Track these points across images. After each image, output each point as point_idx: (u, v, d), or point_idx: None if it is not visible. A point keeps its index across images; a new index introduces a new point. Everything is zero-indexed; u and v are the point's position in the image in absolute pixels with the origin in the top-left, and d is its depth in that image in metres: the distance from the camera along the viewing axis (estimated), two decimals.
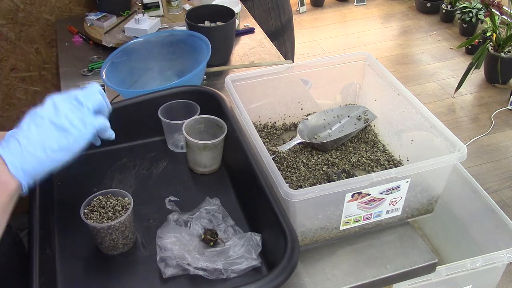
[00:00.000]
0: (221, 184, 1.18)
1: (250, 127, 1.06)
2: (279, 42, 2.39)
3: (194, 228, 1.01)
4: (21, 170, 0.68)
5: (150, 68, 1.53)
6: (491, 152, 2.84)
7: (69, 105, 0.74)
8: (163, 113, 1.22)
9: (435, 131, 1.06)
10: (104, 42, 1.74)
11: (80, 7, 1.99)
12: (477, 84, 3.42)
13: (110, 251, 0.99)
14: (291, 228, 0.91)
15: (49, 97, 0.75)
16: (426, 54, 3.77)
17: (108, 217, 0.96)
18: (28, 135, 0.69)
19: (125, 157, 1.25)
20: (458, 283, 1.15)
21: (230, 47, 1.68)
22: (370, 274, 0.98)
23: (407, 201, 1.04)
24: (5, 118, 2.17)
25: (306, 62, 1.26)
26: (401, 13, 4.37)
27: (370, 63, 1.27)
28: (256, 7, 2.27)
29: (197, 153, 1.16)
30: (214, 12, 1.66)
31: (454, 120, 3.11)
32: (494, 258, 1.10)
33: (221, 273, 0.93)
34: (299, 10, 4.38)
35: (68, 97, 0.75)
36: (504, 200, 2.52)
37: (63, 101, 0.74)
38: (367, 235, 1.06)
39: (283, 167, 1.16)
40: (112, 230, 0.95)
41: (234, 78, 1.21)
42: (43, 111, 0.73)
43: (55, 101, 0.74)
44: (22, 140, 0.69)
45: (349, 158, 1.20)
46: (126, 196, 1.00)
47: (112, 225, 0.95)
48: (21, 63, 2.05)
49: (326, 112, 1.31)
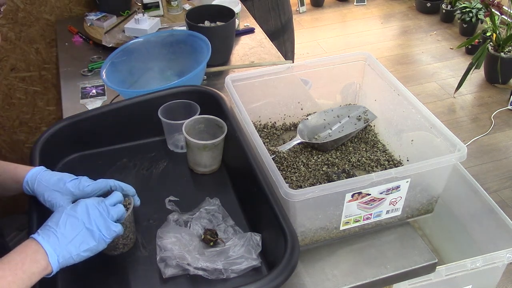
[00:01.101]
0: (221, 184, 1.18)
1: (250, 127, 1.06)
2: (279, 42, 2.39)
3: (194, 228, 1.01)
4: (57, 261, 0.82)
5: (150, 68, 1.53)
6: (491, 152, 2.83)
7: (98, 212, 0.87)
8: (163, 113, 1.22)
9: (435, 131, 1.06)
10: (104, 42, 1.74)
11: (80, 7, 1.99)
12: (477, 84, 3.42)
13: (111, 251, 0.99)
14: (291, 228, 0.91)
15: (83, 200, 0.89)
16: (426, 54, 3.77)
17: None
18: (65, 232, 0.83)
19: (125, 157, 1.25)
20: (458, 283, 1.15)
21: (230, 47, 1.68)
22: (370, 274, 0.98)
23: (407, 201, 1.04)
24: (5, 118, 2.17)
25: (306, 62, 1.26)
26: (401, 13, 4.37)
27: (370, 63, 1.27)
28: (256, 7, 2.26)
29: (197, 153, 1.16)
30: (214, 12, 1.66)
31: (454, 120, 3.11)
32: (494, 258, 1.10)
33: (221, 273, 0.93)
34: (299, 10, 4.38)
35: (98, 203, 0.89)
36: (504, 200, 2.52)
37: (94, 206, 0.88)
38: (367, 235, 1.06)
39: (283, 167, 1.16)
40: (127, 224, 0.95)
41: (234, 78, 1.21)
42: (78, 213, 0.86)
43: (88, 205, 0.87)
44: (60, 237, 0.83)
45: (349, 158, 1.20)
46: (126, 196, 1.00)
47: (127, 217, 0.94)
48: (21, 63, 2.05)
49: (326, 112, 1.31)
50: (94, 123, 1.22)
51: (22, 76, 2.08)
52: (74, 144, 1.23)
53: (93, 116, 1.22)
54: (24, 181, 1.00)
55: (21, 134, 2.25)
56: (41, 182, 0.99)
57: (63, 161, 1.23)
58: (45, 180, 0.99)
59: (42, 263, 0.80)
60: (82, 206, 0.87)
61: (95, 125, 1.23)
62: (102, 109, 1.25)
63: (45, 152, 1.14)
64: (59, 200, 0.97)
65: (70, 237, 0.83)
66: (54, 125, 1.18)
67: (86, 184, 0.99)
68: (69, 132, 1.20)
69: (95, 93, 1.55)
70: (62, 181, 0.98)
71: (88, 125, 1.22)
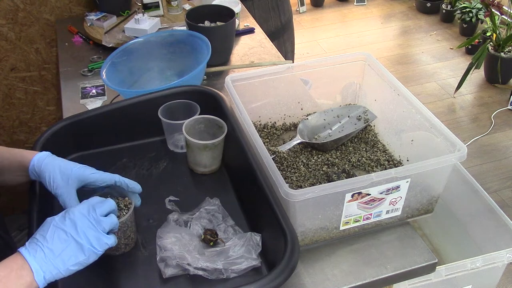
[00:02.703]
0: (221, 184, 1.18)
1: (250, 127, 1.06)
2: (279, 42, 2.39)
3: (194, 228, 1.01)
4: (43, 278, 0.78)
5: (150, 68, 1.53)
6: (491, 152, 2.84)
7: (88, 223, 0.82)
8: (163, 113, 1.22)
9: (435, 131, 1.06)
10: (104, 42, 1.74)
11: (80, 7, 1.99)
12: (477, 84, 3.42)
13: (112, 251, 0.99)
14: (291, 228, 0.91)
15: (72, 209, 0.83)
16: (426, 54, 3.77)
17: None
18: (52, 247, 0.79)
19: (125, 157, 1.25)
20: (458, 283, 1.15)
21: (230, 47, 1.68)
22: (370, 274, 0.98)
23: (407, 201, 1.04)
24: (5, 118, 2.17)
25: (306, 62, 1.26)
26: (401, 13, 4.37)
27: (370, 63, 1.27)
28: (256, 7, 2.27)
29: (197, 153, 1.16)
30: (214, 12, 1.66)
31: (454, 120, 3.11)
32: (494, 258, 1.10)
33: (221, 273, 0.93)
34: (299, 10, 4.38)
35: (88, 213, 0.83)
36: (504, 200, 2.52)
37: (83, 217, 0.82)
38: (367, 235, 1.06)
39: (283, 167, 1.16)
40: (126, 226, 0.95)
41: (234, 78, 1.21)
42: (66, 225, 0.81)
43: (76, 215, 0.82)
44: (47, 252, 0.78)
45: (349, 158, 1.20)
46: (126, 195, 1.00)
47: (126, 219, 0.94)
48: (21, 63, 2.05)
49: (326, 112, 1.31)
50: (94, 123, 1.22)
51: (22, 76, 2.08)
52: (74, 144, 1.23)
53: (93, 116, 1.22)
54: (31, 164, 0.98)
55: (21, 134, 2.25)
56: (47, 166, 0.97)
57: None
58: (51, 164, 0.97)
59: (27, 279, 0.76)
60: (70, 217, 0.82)
61: (95, 125, 1.23)
62: (102, 109, 1.25)
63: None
64: (64, 192, 0.95)
65: (57, 251, 0.79)
66: (54, 125, 1.18)
67: (90, 171, 0.97)
68: (69, 132, 1.20)
69: (95, 93, 1.55)
70: (69, 167, 0.97)
71: (88, 125, 1.22)
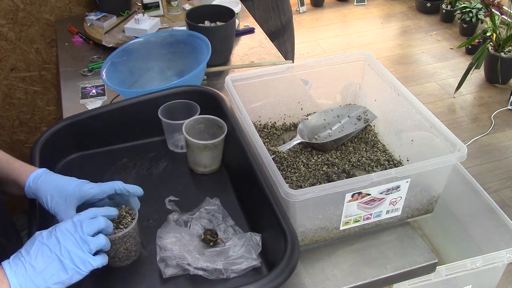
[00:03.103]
0: (221, 184, 1.18)
1: (250, 127, 1.06)
2: (279, 42, 2.39)
3: (194, 228, 1.01)
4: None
5: (150, 68, 1.53)
6: (491, 152, 2.83)
7: (73, 241, 0.79)
8: (163, 113, 1.22)
9: (435, 131, 1.06)
10: (104, 42, 1.74)
11: (80, 7, 1.99)
12: (477, 84, 3.42)
13: (124, 261, 0.96)
14: (291, 228, 0.91)
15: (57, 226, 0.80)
16: (426, 54, 3.77)
17: (116, 226, 0.92)
18: (34, 264, 0.77)
19: (125, 157, 1.25)
20: (458, 283, 1.15)
21: (230, 47, 1.68)
22: (370, 274, 0.98)
23: (407, 201, 1.04)
24: (5, 118, 2.17)
25: (306, 62, 1.26)
26: (401, 13, 4.37)
27: (370, 63, 1.27)
28: (256, 7, 2.27)
29: (197, 153, 1.16)
30: (214, 12, 1.66)
31: (454, 120, 3.10)
32: (494, 258, 1.10)
33: (221, 273, 0.93)
34: (299, 10, 4.38)
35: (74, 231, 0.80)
36: (504, 200, 2.52)
37: (68, 234, 0.79)
38: (367, 235, 1.06)
39: (283, 167, 1.16)
40: (127, 238, 0.93)
41: (234, 78, 1.21)
42: (50, 242, 0.79)
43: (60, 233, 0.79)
44: (28, 268, 0.76)
45: (349, 158, 1.20)
46: (128, 201, 0.98)
47: (127, 233, 0.91)
48: (21, 63, 2.05)
49: (326, 112, 1.31)
50: (94, 123, 1.22)
51: (22, 76, 2.08)
52: (74, 144, 1.23)
53: (93, 116, 1.22)
54: (26, 185, 0.97)
55: (21, 134, 2.25)
56: (43, 186, 0.95)
57: (63, 161, 1.23)
58: (47, 184, 0.95)
59: None
60: (56, 234, 0.80)
61: (95, 125, 1.23)
62: (102, 109, 1.25)
63: (45, 152, 1.14)
64: (62, 211, 0.93)
65: (39, 268, 0.77)
66: (54, 125, 1.18)
67: (89, 186, 0.95)
68: (69, 132, 1.20)
69: (95, 93, 1.55)
70: (66, 186, 0.94)
71: (88, 125, 1.22)
